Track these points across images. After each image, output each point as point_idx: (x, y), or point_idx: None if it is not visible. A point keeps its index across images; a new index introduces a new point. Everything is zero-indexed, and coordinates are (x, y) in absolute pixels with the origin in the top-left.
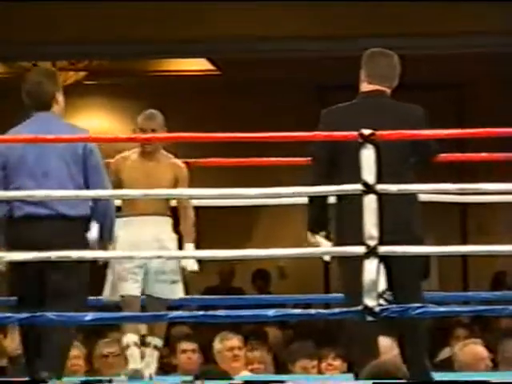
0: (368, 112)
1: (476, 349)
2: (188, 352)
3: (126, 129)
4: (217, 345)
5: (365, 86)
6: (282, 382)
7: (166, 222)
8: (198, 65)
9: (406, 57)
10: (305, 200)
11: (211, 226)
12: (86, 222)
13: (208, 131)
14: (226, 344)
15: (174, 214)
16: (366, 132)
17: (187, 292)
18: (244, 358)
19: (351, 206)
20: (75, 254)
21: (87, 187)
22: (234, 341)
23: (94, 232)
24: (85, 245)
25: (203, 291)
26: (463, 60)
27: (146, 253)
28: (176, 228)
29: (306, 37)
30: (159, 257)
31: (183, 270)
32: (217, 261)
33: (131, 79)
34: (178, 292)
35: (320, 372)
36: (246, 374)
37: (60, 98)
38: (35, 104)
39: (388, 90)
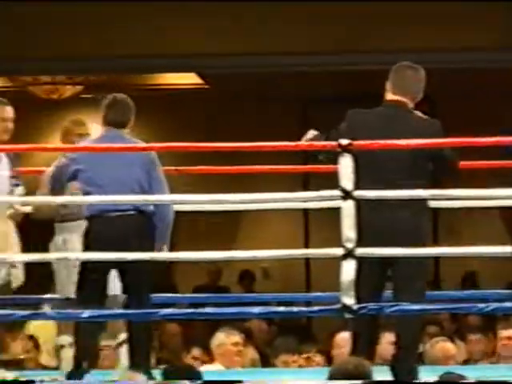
0: (386, 120)
1: (446, 346)
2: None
3: None
4: (220, 340)
5: (389, 96)
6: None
7: None
8: (188, 79)
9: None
10: (283, 205)
11: (199, 230)
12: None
13: (195, 142)
14: (232, 339)
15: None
16: (344, 142)
17: (178, 291)
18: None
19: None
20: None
21: (151, 192)
22: (238, 337)
23: None
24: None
25: (193, 290)
26: None
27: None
28: None
29: (292, 52)
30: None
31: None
32: (205, 262)
33: (125, 93)
34: None
35: (300, 366)
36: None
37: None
38: (113, 122)
39: (410, 102)
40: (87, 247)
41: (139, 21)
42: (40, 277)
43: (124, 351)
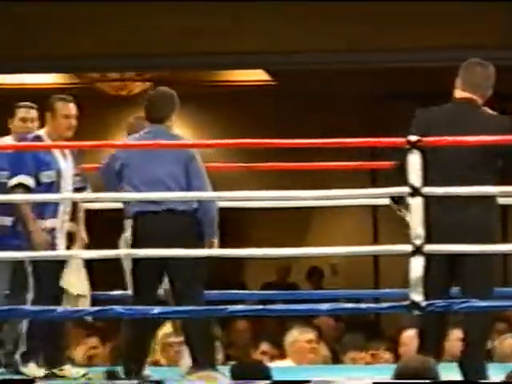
0: (455, 117)
1: None
2: None
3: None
4: (294, 337)
5: (458, 93)
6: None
7: None
8: (256, 75)
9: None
10: (352, 202)
11: (268, 226)
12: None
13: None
14: (306, 336)
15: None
16: (413, 139)
17: (247, 288)
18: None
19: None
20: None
21: (190, 188)
22: (312, 334)
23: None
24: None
25: (261, 287)
26: None
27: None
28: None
29: (360, 49)
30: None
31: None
32: (275, 259)
33: (192, 89)
34: None
35: (368, 363)
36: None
37: (173, 116)
38: (150, 118)
39: (479, 99)
40: (134, 246)
41: (206, 18)
42: (109, 274)
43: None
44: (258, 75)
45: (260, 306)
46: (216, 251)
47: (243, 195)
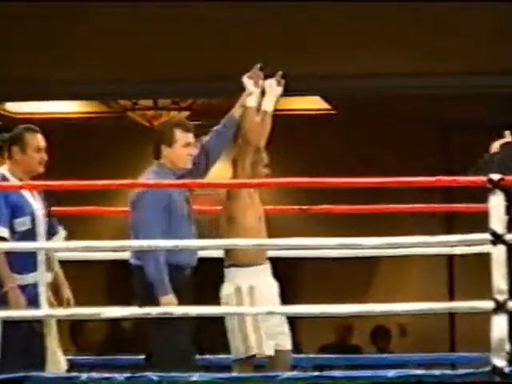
0: None
1: None
2: None
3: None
4: None
5: None
6: None
7: None
8: (312, 103)
9: None
10: (424, 251)
11: (325, 278)
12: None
13: (323, 175)
14: None
15: None
16: (495, 177)
17: (302, 350)
18: None
19: None
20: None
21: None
22: None
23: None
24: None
25: (318, 349)
26: None
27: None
28: None
29: (424, 73)
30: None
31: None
32: (333, 317)
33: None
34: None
35: None
36: None
37: (166, 150)
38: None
39: None
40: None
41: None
42: None
43: None
44: (314, 103)
45: (317, 373)
46: (261, 309)
47: (298, 243)
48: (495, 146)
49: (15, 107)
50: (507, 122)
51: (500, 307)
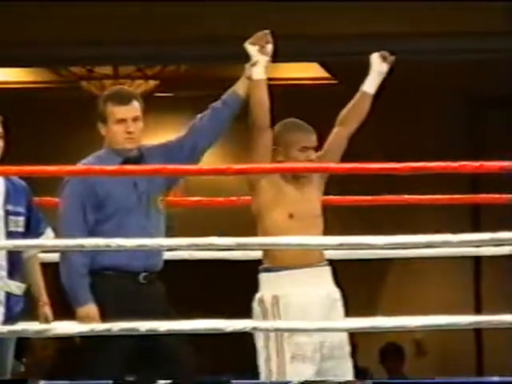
0: None
1: None
2: None
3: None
4: None
5: None
6: None
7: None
8: (308, 71)
9: None
10: (445, 252)
11: None
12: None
13: None
14: None
15: None
16: None
17: None
18: None
19: None
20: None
21: None
22: None
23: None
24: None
25: None
26: None
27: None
28: None
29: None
30: None
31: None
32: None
33: (217, 90)
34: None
35: None
36: None
37: (103, 129)
38: None
39: None
40: None
41: None
42: None
43: None
44: (310, 71)
45: None
46: (250, 323)
47: (287, 241)
48: None
49: None
50: None
51: None
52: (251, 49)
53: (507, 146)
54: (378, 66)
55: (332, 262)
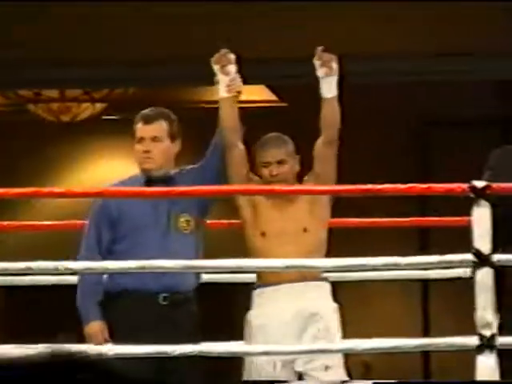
0: None
1: None
2: None
3: None
4: None
5: None
6: None
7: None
8: (255, 94)
9: None
10: (393, 274)
11: None
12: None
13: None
14: None
15: None
16: (479, 184)
17: None
18: None
19: None
20: None
21: None
22: None
23: None
24: None
25: None
26: None
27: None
28: None
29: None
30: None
31: None
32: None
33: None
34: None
35: None
36: None
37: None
38: None
39: None
40: None
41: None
42: None
43: None
44: (258, 94)
45: None
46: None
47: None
48: None
49: None
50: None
51: (486, 344)
52: (214, 68)
53: (452, 168)
54: (320, 70)
55: None
